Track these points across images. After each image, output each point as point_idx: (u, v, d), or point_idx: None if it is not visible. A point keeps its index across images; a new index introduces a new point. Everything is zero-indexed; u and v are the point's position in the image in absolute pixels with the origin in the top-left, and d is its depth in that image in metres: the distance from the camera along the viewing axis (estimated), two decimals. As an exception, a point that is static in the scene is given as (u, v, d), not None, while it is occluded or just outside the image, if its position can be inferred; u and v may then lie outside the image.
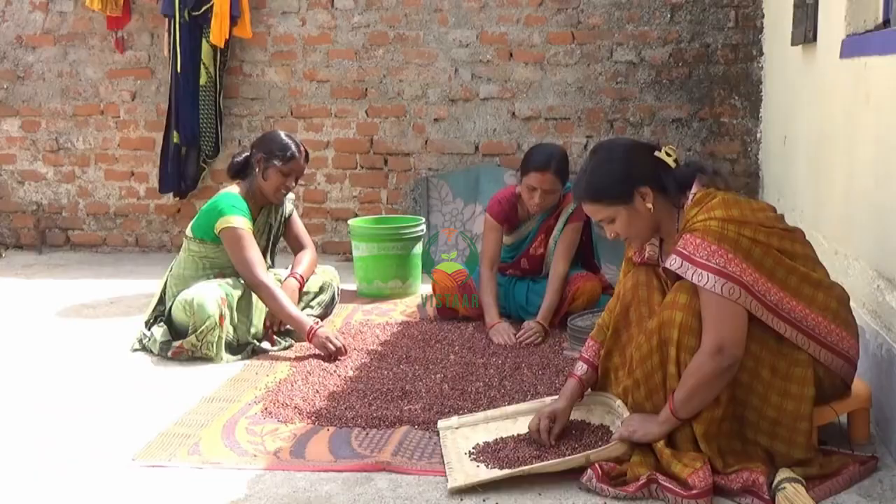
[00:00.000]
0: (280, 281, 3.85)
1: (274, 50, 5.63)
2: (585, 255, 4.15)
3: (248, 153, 3.81)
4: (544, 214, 4.01)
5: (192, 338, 3.47)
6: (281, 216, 3.96)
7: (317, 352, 3.54)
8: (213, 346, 3.47)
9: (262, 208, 3.85)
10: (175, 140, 5.53)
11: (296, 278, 3.79)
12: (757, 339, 2.32)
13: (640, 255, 2.66)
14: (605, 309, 2.74)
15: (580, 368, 2.68)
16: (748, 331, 2.28)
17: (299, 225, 4.05)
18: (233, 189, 3.76)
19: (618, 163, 2.48)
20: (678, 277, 2.37)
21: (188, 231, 3.77)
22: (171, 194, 5.74)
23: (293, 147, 3.73)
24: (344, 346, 3.52)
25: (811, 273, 2.36)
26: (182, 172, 5.61)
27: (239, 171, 3.81)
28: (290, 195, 4.00)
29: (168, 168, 5.60)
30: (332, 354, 3.47)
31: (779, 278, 2.31)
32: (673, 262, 2.35)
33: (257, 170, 3.73)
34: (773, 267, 2.31)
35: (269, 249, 3.93)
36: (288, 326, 3.70)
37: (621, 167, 2.47)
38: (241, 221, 3.63)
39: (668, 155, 2.46)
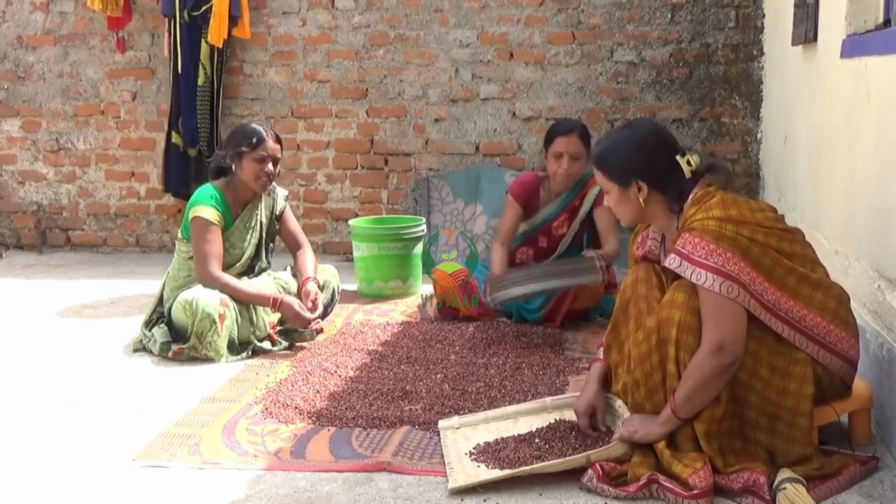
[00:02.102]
0: (286, 290, 3.82)
1: (274, 50, 5.63)
2: (599, 247, 4.17)
3: (222, 154, 3.82)
4: (568, 197, 4.07)
5: (193, 340, 3.47)
6: (272, 213, 3.94)
7: (317, 351, 3.55)
8: (211, 346, 3.47)
9: (248, 204, 3.83)
10: (174, 141, 5.52)
11: (315, 282, 3.79)
12: (756, 337, 2.32)
13: (642, 247, 2.67)
14: None
15: (602, 353, 2.70)
16: (747, 329, 2.28)
17: (294, 222, 4.04)
18: (210, 184, 3.78)
19: (633, 148, 2.49)
20: (677, 275, 2.38)
21: (179, 233, 3.79)
22: (171, 194, 5.73)
23: (260, 131, 3.72)
24: (308, 316, 3.62)
25: (810, 273, 2.36)
26: (191, 173, 5.58)
27: (218, 174, 3.82)
28: (283, 192, 3.99)
29: (171, 168, 5.59)
30: (304, 321, 3.59)
31: (777, 278, 2.32)
32: (671, 261, 2.35)
33: (233, 165, 3.74)
34: (771, 267, 2.31)
35: (262, 249, 3.92)
36: (288, 326, 3.71)
37: (633, 153, 2.49)
38: (207, 212, 3.63)
39: (689, 164, 2.45)
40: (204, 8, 5.32)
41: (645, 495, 2.26)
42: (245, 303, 3.62)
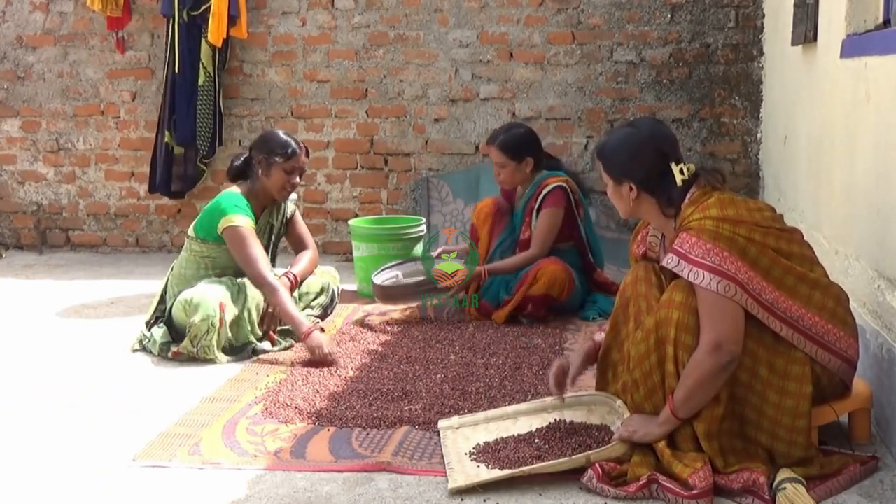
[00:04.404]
0: None
1: (274, 50, 5.63)
2: (580, 251, 4.19)
3: (247, 155, 3.81)
4: (526, 197, 4.16)
5: (187, 342, 3.47)
6: (282, 217, 3.96)
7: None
8: (209, 350, 3.47)
9: (265, 209, 3.85)
10: (167, 140, 5.51)
11: (289, 278, 3.77)
12: (754, 336, 2.32)
13: (642, 245, 2.68)
14: None
15: (599, 336, 2.73)
16: (745, 329, 2.29)
17: (301, 226, 4.05)
18: (234, 189, 3.77)
19: (629, 150, 2.52)
20: (676, 275, 2.38)
21: (190, 231, 3.77)
22: (160, 194, 5.72)
23: (293, 144, 3.74)
24: (334, 357, 3.43)
25: (808, 273, 2.36)
26: (179, 173, 5.58)
27: (239, 174, 3.82)
28: (292, 195, 4.01)
29: (158, 168, 5.58)
30: (320, 360, 3.41)
31: (775, 277, 2.32)
32: (669, 261, 2.36)
33: (259, 171, 3.73)
34: (769, 266, 2.32)
35: (270, 250, 3.93)
36: (287, 326, 3.71)
37: (628, 155, 2.52)
38: (243, 220, 3.63)
39: (682, 173, 2.46)
40: (203, 8, 5.32)
41: (645, 495, 2.27)
42: (281, 318, 3.63)
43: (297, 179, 3.77)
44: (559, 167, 4.26)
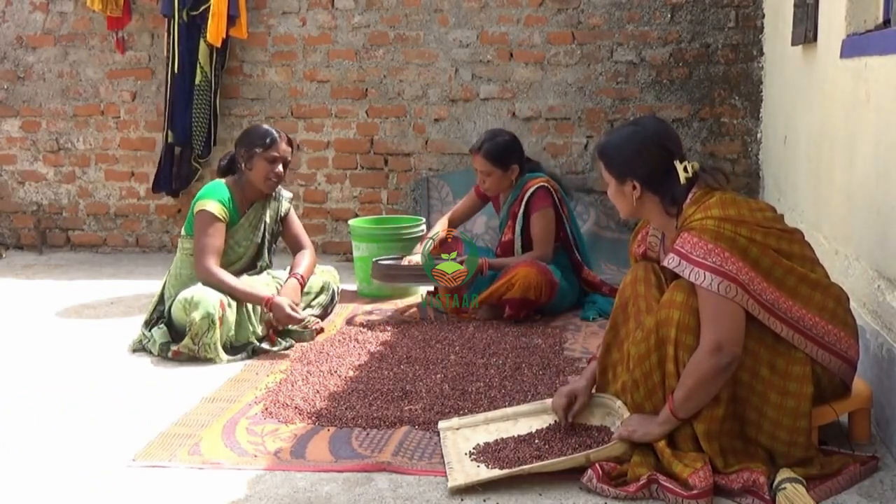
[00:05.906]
0: (279, 283, 3.84)
1: (274, 50, 5.63)
2: (566, 249, 4.21)
3: (233, 152, 3.84)
4: (509, 201, 4.20)
5: (188, 341, 3.47)
6: (277, 214, 3.95)
7: (317, 351, 3.55)
8: (210, 348, 3.47)
9: (254, 204, 3.85)
10: (170, 140, 5.53)
11: (296, 278, 3.78)
12: (755, 337, 2.32)
13: (643, 244, 2.68)
14: None
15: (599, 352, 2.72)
16: (746, 329, 2.29)
17: (297, 224, 4.05)
18: (220, 181, 3.79)
19: (634, 148, 2.51)
20: (676, 275, 2.38)
21: (182, 231, 3.79)
22: (163, 194, 5.73)
23: (273, 133, 3.76)
24: (301, 315, 3.63)
25: (809, 273, 2.36)
26: (176, 172, 5.61)
27: (226, 171, 3.85)
28: (288, 194, 4.00)
29: (163, 168, 5.60)
30: (294, 321, 3.58)
31: (776, 278, 2.32)
32: (670, 261, 2.36)
33: (243, 164, 3.75)
34: (770, 266, 2.31)
35: (265, 247, 3.92)
36: (288, 326, 3.70)
37: (632, 153, 2.50)
38: (213, 206, 3.64)
39: (685, 171, 2.46)
40: (203, 8, 5.32)
41: (645, 495, 2.26)
42: (238, 300, 3.61)
43: (281, 169, 3.76)
44: (539, 169, 4.35)
